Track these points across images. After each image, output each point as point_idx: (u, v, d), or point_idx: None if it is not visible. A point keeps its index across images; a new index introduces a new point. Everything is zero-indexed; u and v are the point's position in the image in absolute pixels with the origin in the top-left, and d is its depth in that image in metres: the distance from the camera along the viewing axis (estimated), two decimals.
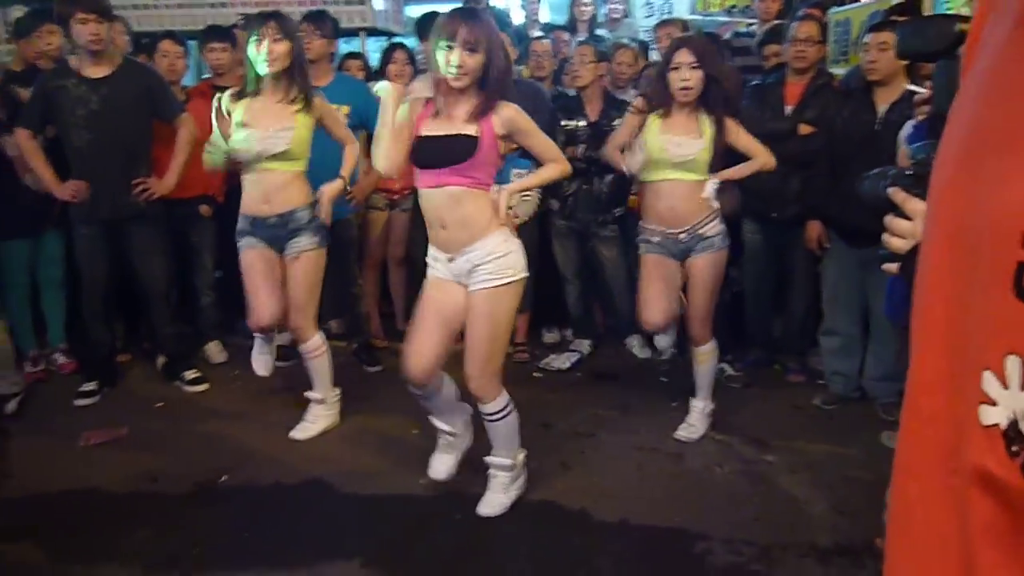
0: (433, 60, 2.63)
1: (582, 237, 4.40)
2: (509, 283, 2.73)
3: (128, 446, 3.49)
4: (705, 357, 3.49)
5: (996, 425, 0.50)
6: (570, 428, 3.62)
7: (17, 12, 5.41)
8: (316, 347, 3.54)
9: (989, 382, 0.51)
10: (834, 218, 3.67)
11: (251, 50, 3.23)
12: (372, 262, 4.62)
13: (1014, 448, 0.49)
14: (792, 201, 3.86)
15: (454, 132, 2.63)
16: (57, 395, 4.00)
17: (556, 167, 2.82)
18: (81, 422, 3.68)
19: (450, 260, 2.73)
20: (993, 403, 0.50)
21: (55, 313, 4.37)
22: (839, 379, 3.86)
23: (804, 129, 3.79)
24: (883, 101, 3.47)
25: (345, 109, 4.02)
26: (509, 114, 2.65)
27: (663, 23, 4.67)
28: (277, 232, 3.37)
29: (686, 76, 3.16)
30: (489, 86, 2.62)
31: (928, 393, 0.59)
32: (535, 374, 4.31)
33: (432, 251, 2.80)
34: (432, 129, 2.67)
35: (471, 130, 2.62)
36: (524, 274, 2.77)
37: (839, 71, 4.44)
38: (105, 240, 3.87)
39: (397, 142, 2.70)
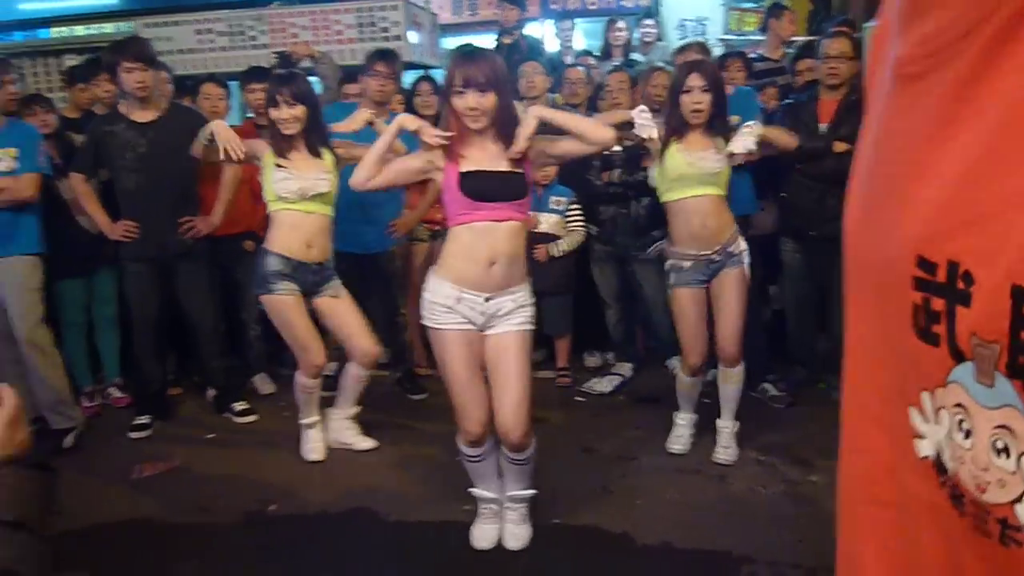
0: (448, 103, 2.63)
1: (621, 261, 4.42)
2: (533, 330, 2.77)
3: (180, 477, 3.59)
4: (738, 377, 3.47)
5: (927, 457, 0.53)
6: (612, 452, 3.63)
7: (71, 61, 5.65)
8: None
9: (915, 417, 0.54)
10: None
11: (272, 113, 3.40)
12: (415, 292, 4.68)
13: (942, 478, 0.52)
14: (830, 219, 3.83)
15: (504, 169, 2.64)
16: (112, 428, 4.12)
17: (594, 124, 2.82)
18: (135, 454, 3.80)
19: (487, 299, 2.65)
20: (923, 437, 0.53)
21: (109, 349, 4.51)
22: None
23: (839, 146, 3.77)
24: None
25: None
26: (532, 138, 2.67)
27: (682, 49, 4.66)
28: (316, 279, 3.51)
29: (698, 99, 3.24)
30: (503, 126, 2.63)
31: (853, 425, 0.62)
32: (577, 398, 4.33)
33: (455, 291, 2.64)
34: (475, 165, 2.64)
35: (516, 167, 2.65)
36: None
37: None
38: (154, 277, 4.00)
39: (381, 163, 2.79)
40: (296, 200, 3.42)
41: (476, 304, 2.64)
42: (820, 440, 3.62)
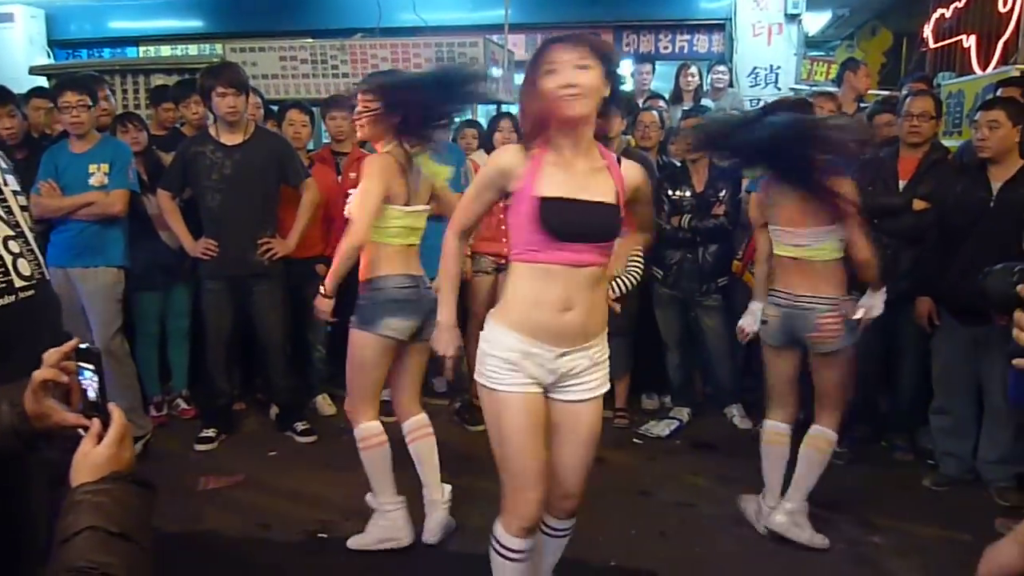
0: (531, 96, 2.11)
1: (685, 306, 4.42)
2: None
3: (243, 492, 3.67)
4: (828, 444, 3.14)
5: None
6: (669, 497, 3.62)
7: (158, 80, 5.87)
8: (363, 437, 3.13)
9: None
10: (945, 295, 3.60)
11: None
12: (477, 322, 4.71)
13: None
14: (902, 276, 3.80)
15: (596, 199, 2.13)
16: (178, 439, 4.22)
17: (649, 237, 2.57)
18: (200, 466, 3.89)
19: (560, 355, 2.19)
20: None
21: (179, 362, 4.64)
22: (951, 460, 3.73)
23: (918, 204, 3.74)
24: (997, 178, 3.42)
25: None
26: (637, 180, 2.26)
27: (819, 94, 4.62)
28: None
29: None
30: (611, 111, 2.20)
31: None
32: (634, 440, 4.32)
33: (523, 344, 2.17)
34: (560, 188, 2.11)
35: (609, 196, 2.16)
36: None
37: (952, 143, 4.40)
38: (230, 295, 4.12)
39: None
40: None
41: (546, 361, 2.18)
42: (882, 501, 3.58)
